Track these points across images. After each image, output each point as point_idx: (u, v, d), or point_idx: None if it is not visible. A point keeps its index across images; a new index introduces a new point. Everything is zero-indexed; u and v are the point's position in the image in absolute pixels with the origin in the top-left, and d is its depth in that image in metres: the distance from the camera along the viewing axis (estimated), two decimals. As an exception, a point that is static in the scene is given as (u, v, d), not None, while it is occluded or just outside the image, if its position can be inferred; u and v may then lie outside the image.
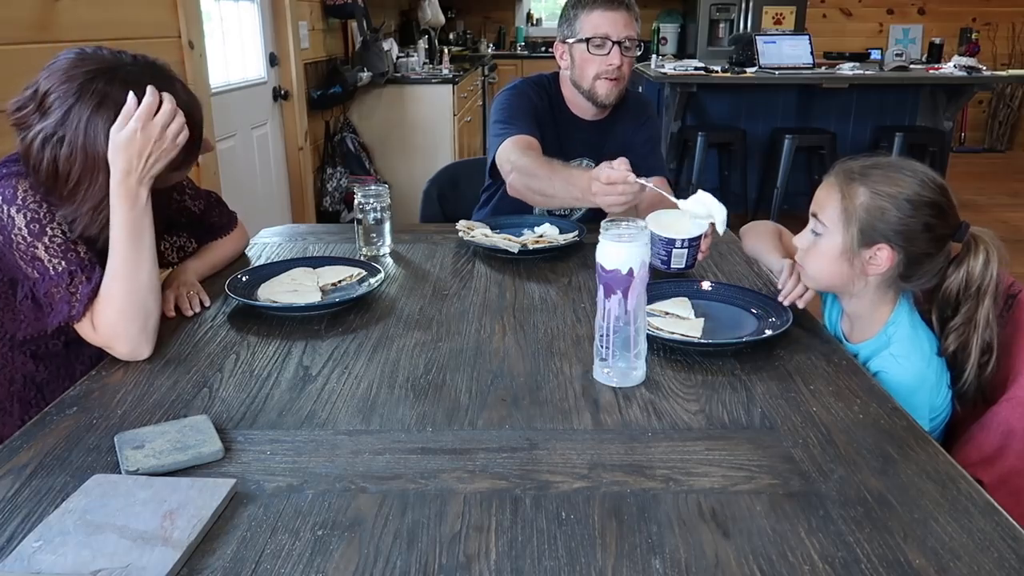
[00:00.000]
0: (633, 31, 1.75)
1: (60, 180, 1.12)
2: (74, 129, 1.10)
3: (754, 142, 4.80)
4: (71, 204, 1.14)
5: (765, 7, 6.10)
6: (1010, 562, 0.71)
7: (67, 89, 1.10)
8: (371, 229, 1.61)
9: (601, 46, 1.73)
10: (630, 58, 1.76)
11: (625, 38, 1.73)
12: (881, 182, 1.15)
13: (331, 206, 4.18)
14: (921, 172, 1.16)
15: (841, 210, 1.17)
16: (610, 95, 1.78)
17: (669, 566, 0.71)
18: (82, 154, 1.11)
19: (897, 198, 1.13)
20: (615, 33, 1.72)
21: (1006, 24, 7.07)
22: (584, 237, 1.65)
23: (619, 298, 1.02)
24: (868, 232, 1.15)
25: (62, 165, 1.11)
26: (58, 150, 1.11)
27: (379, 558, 0.72)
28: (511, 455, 0.89)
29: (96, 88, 1.11)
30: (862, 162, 1.19)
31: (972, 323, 1.14)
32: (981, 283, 1.13)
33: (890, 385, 1.13)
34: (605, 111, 1.85)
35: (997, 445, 1.08)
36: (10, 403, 1.22)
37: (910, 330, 1.18)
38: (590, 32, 1.73)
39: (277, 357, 1.15)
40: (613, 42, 1.72)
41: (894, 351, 1.17)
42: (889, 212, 1.13)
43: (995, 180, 6.07)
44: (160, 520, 0.76)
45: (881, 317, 1.21)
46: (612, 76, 1.75)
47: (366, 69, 4.43)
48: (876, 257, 1.16)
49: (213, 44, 3.03)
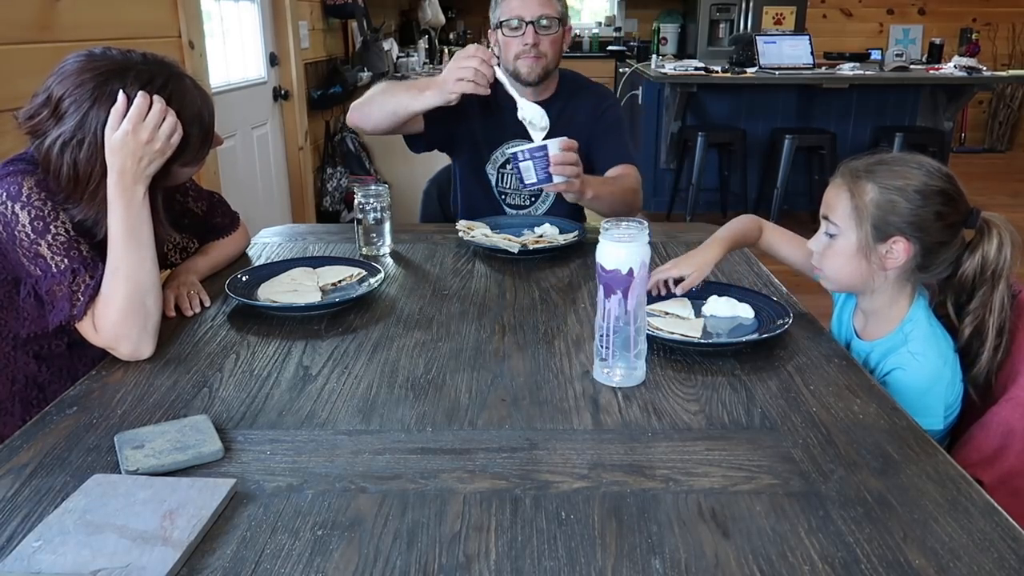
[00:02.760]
0: (550, 9, 1.79)
1: (80, 183, 1.13)
2: (93, 132, 1.12)
3: (754, 142, 4.79)
4: (92, 204, 1.15)
5: (765, 7, 6.10)
6: (1010, 562, 0.71)
7: (81, 93, 1.11)
8: (371, 229, 1.61)
9: (517, 28, 1.79)
10: (550, 36, 1.80)
11: (540, 16, 1.78)
12: (888, 176, 1.16)
13: (331, 206, 4.18)
14: (926, 163, 1.17)
15: (852, 208, 1.18)
16: (532, 72, 1.82)
17: (669, 566, 0.71)
18: (103, 155, 1.12)
19: (906, 190, 1.14)
20: (528, 13, 1.77)
21: (1006, 24, 7.06)
22: (584, 237, 1.65)
23: (619, 298, 1.02)
24: (881, 227, 1.15)
25: (83, 168, 1.12)
26: (77, 153, 1.12)
27: (379, 558, 0.72)
28: (511, 455, 0.89)
29: (111, 89, 1.12)
30: (866, 160, 1.20)
31: (988, 307, 1.15)
32: (996, 266, 1.14)
33: (907, 382, 1.13)
34: (543, 92, 1.89)
35: (997, 445, 1.08)
36: (11, 403, 1.22)
37: (927, 327, 1.18)
38: (506, 15, 1.80)
39: (277, 357, 1.15)
40: (527, 22, 1.77)
41: (912, 348, 1.16)
42: (900, 205, 1.14)
43: (995, 180, 6.06)
44: (160, 520, 0.76)
45: (898, 314, 1.21)
46: (530, 55, 1.80)
47: (366, 69, 4.43)
48: (893, 251, 1.16)
49: (213, 44, 3.03)
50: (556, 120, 1.88)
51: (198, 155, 1.26)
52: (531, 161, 1.52)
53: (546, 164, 1.51)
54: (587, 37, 7.39)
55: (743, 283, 1.43)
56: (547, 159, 1.51)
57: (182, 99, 1.19)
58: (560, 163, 1.51)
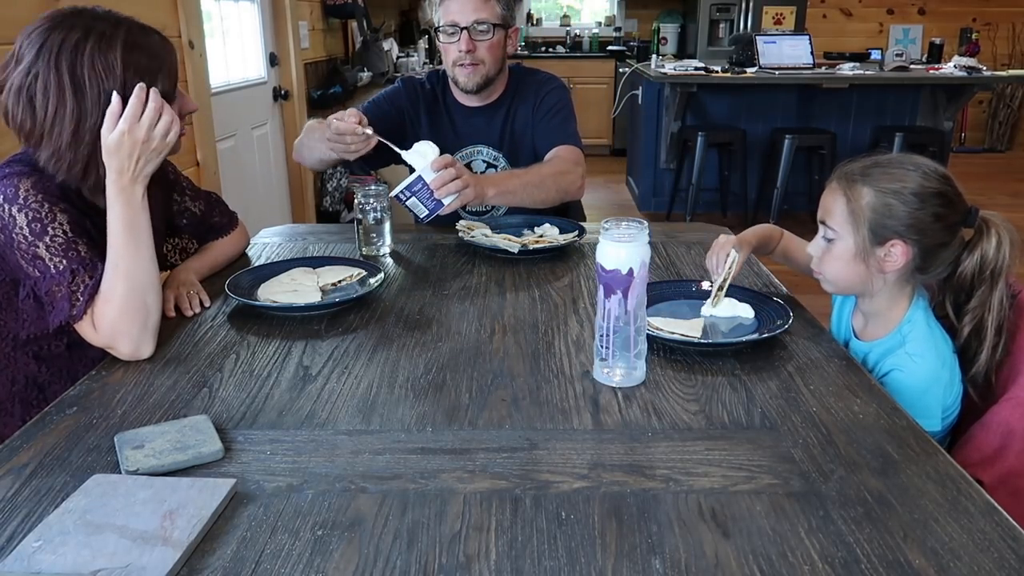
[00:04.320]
0: (486, 13, 1.72)
1: (37, 119, 1.13)
2: (45, 62, 1.11)
3: (754, 142, 4.79)
4: (50, 141, 1.13)
5: (765, 7, 6.10)
6: (1010, 562, 0.71)
7: (36, 35, 1.13)
8: (371, 229, 1.61)
9: (452, 33, 1.74)
10: (486, 42, 1.74)
11: (474, 22, 1.72)
12: (884, 179, 1.15)
13: (331, 206, 4.18)
14: (923, 164, 1.16)
15: (848, 213, 1.17)
16: (469, 81, 1.78)
17: (669, 566, 0.71)
18: (54, 79, 1.11)
19: (902, 193, 1.14)
20: (463, 19, 1.72)
21: (1006, 24, 7.06)
22: (584, 237, 1.65)
23: (619, 298, 1.02)
24: (878, 230, 1.15)
25: (38, 101, 1.12)
26: (34, 87, 1.11)
27: (379, 558, 0.72)
28: (511, 455, 0.89)
29: (64, 24, 1.13)
30: (862, 163, 1.20)
31: (987, 306, 1.15)
32: (995, 265, 1.14)
33: (905, 383, 1.13)
34: (488, 96, 1.86)
35: (997, 445, 1.08)
36: (11, 404, 1.22)
37: (926, 329, 1.18)
38: (442, 20, 1.76)
39: (277, 357, 1.15)
40: (462, 28, 1.72)
41: (909, 349, 1.17)
42: (896, 208, 1.14)
43: (995, 180, 6.06)
44: (160, 520, 0.76)
45: (897, 315, 1.21)
46: (465, 62, 1.75)
47: (366, 69, 4.43)
48: (891, 254, 1.16)
49: (213, 44, 3.03)
50: (504, 121, 1.88)
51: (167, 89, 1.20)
52: (414, 197, 1.48)
53: (429, 192, 1.47)
54: (587, 37, 7.39)
55: (743, 283, 1.43)
56: (428, 187, 1.47)
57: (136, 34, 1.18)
58: (440, 184, 1.47)
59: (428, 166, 1.47)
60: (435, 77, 1.92)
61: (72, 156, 1.14)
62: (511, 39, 1.82)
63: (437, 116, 1.88)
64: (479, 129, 1.88)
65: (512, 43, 1.83)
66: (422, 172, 1.47)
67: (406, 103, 1.88)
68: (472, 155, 1.90)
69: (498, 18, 1.75)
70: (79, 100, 1.12)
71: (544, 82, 1.90)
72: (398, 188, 1.49)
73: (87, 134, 1.13)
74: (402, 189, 1.48)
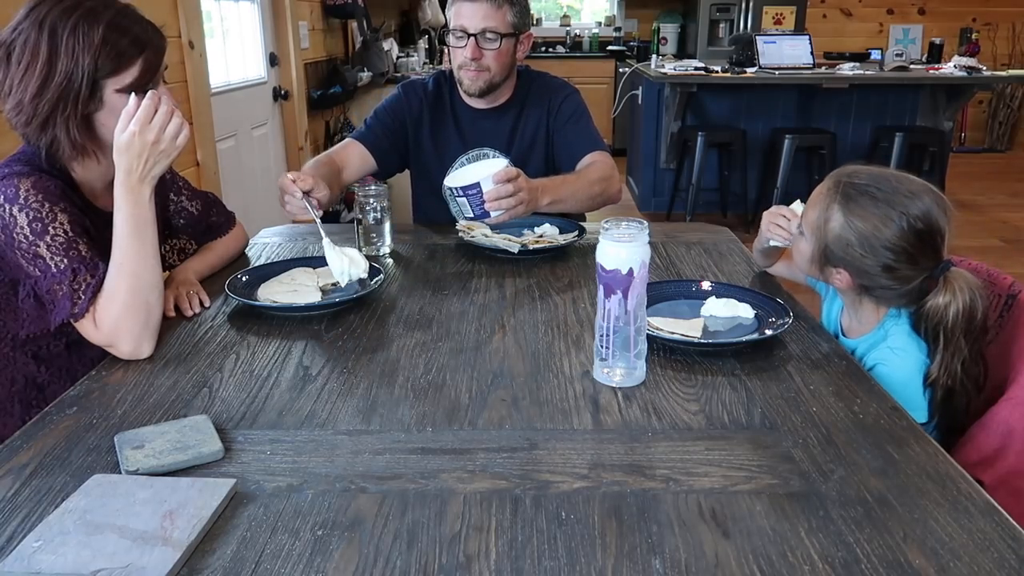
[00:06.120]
0: (496, 21, 1.71)
1: (10, 70, 1.14)
2: (32, 21, 1.13)
3: (754, 142, 4.80)
4: (15, 93, 1.14)
5: (765, 7, 6.10)
6: (1010, 562, 0.71)
7: (20, 16, 1.14)
8: (371, 229, 1.61)
9: (460, 38, 1.74)
10: (493, 51, 1.73)
11: (483, 30, 1.71)
12: (862, 213, 1.14)
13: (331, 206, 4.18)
14: (913, 214, 1.12)
15: (815, 224, 1.20)
16: (472, 86, 1.78)
17: (669, 566, 0.71)
18: (34, 36, 1.12)
19: (865, 237, 1.14)
20: (472, 26, 1.71)
21: (1006, 24, 7.07)
22: (584, 237, 1.65)
23: (619, 298, 1.02)
24: (830, 255, 1.19)
25: (15, 54, 1.13)
26: (16, 41, 1.13)
27: (379, 558, 0.72)
28: (511, 455, 0.89)
29: (43, 3, 1.14)
30: (864, 179, 1.17)
31: (953, 354, 1.12)
32: (944, 320, 1.11)
33: (888, 377, 1.13)
34: (495, 100, 1.86)
35: (997, 445, 1.08)
36: (11, 404, 1.22)
37: (907, 324, 1.19)
38: (452, 24, 1.75)
39: (277, 357, 1.15)
40: (470, 35, 1.72)
41: (891, 344, 1.18)
42: (852, 249, 1.15)
43: (995, 180, 6.07)
44: (160, 520, 0.76)
45: (882, 311, 1.22)
46: (471, 68, 1.75)
47: (366, 69, 4.43)
48: (839, 273, 1.20)
49: (213, 44, 3.03)
50: (513, 126, 1.87)
51: (139, 81, 1.19)
52: (465, 198, 1.46)
53: (480, 200, 1.46)
54: (587, 37, 7.39)
55: (743, 283, 1.43)
56: (481, 195, 1.46)
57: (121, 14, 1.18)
58: (494, 199, 1.46)
59: (490, 176, 1.45)
60: (442, 78, 1.91)
61: (32, 111, 1.14)
62: (523, 45, 1.81)
63: (442, 119, 1.88)
64: (485, 132, 1.88)
65: (523, 48, 1.82)
66: (482, 181, 1.44)
67: (407, 110, 1.88)
68: (477, 158, 1.90)
69: (508, 27, 1.74)
70: (52, 59, 1.12)
71: (557, 89, 1.90)
72: (454, 180, 1.47)
73: (50, 92, 1.13)
74: (457, 186, 1.46)
